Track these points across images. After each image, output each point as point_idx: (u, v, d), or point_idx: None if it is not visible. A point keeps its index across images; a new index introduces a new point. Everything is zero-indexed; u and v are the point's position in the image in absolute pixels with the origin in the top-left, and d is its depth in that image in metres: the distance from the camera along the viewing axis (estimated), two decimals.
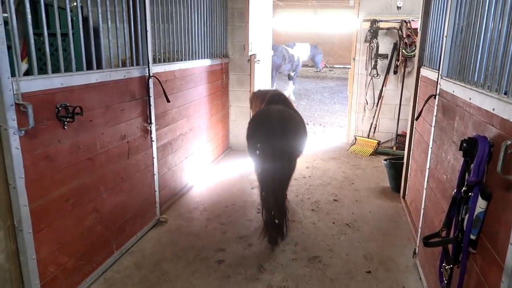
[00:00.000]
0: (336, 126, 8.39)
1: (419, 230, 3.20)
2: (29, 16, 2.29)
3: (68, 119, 2.55)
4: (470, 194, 1.83)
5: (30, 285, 2.35)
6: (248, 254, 3.39)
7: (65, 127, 2.56)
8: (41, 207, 2.42)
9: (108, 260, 3.12)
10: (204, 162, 5.32)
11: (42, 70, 2.70)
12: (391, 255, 3.40)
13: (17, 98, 2.16)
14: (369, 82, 6.55)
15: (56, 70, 2.62)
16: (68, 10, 2.63)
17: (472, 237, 1.83)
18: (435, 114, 2.99)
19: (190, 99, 4.67)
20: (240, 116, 6.20)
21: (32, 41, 2.33)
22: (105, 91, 2.98)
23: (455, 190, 2.00)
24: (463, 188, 1.88)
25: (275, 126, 3.32)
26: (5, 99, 2.09)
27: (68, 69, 2.71)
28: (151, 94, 3.58)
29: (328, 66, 22.88)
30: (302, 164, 5.77)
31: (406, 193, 4.36)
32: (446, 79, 2.77)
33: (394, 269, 3.19)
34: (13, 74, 2.14)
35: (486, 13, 2.09)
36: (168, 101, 3.74)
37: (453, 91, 2.53)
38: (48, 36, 2.47)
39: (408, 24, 6.05)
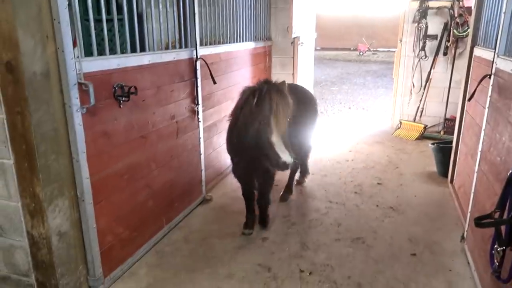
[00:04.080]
0: (380, 111, 8.20)
1: (468, 214, 3.12)
2: (90, 1, 2.42)
3: (124, 98, 2.69)
4: None
5: (91, 252, 2.54)
6: (292, 232, 3.45)
7: (121, 106, 2.71)
8: (100, 181, 2.59)
9: (158, 233, 3.30)
10: None
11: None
12: (437, 239, 3.34)
13: (79, 77, 2.32)
14: (417, 64, 6.32)
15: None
16: None
17: None
18: (489, 94, 2.87)
19: (234, 82, 4.74)
20: None
21: (92, 24, 2.47)
22: (157, 72, 3.10)
23: (510, 171, 1.94)
24: None
25: None
26: (69, 79, 2.25)
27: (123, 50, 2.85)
28: (199, 75, 3.68)
29: (371, 49, 22.24)
30: (344, 148, 5.74)
31: (454, 178, 4.23)
32: (503, 57, 2.65)
33: (440, 253, 3.14)
34: (75, 55, 2.29)
35: None
36: (214, 82, 3.83)
37: (511, 70, 2.42)
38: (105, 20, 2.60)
39: (461, 3, 5.75)
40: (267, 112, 2.78)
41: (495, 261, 2.06)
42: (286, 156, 2.71)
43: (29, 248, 2.37)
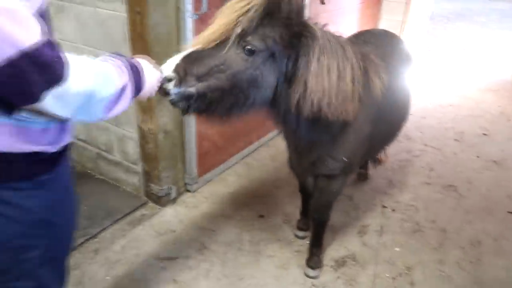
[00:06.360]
0: (501, 55, 7.20)
1: None
2: None
3: None
4: None
5: (190, 152, 2.78)
6: (378, 168, 3.38)
7: None
8: None
9: (249, 147, 3.46)
10: None
11: None
12: None
13: None
14: None
15: None
16: None
17: None
18: None
19: (341, 6, 4.44)
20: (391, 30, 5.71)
21: None
22: None
23: None
24: None
25: None
26: None
27: None
28: None
29: None
30: (450, 91, 5.24)
31: None
32: None
33: None
34: None
35: None
36: (322, 2, 3.63)
37: None
38: None
39: None
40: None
41: None
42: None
43: (139, 140, 2.65)
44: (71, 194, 1.29)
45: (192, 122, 2.69)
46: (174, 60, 1.44)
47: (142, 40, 2.30)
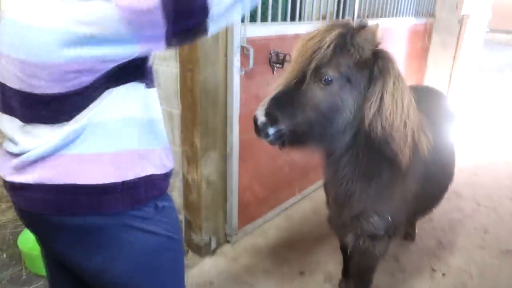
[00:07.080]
0: None
1: None
2: None
3: (277, 65, 2.78)
4: None
5: (231, 203, 2.79)
6: (427, 228, 3.20)
7: (274, 73, 2.81)
8: (247, 141, 2.77)
9: (290, 199, 3.42)
10: None
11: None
12: None
13: (242, 41, 2.47)
14: None
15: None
16: None
17: None
18: None
19: None
20: (438, 82, 5.63)
21: None
22: None
23: None
24: None
25: None
26: (235, 42, 2.41)
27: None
28: None
29: None
30: (505, 147, 4.98)
31: None
32: None
33: None
34: (242, 20, 2.43)
35: None
36: None
37: None
38: None
39: None
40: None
41: None
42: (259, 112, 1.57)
43: (183, 190, 2.71)
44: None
45: (235, 172, 2.73)
46: (264, 105, 1.58)
47: (191, 93, 2.42)
